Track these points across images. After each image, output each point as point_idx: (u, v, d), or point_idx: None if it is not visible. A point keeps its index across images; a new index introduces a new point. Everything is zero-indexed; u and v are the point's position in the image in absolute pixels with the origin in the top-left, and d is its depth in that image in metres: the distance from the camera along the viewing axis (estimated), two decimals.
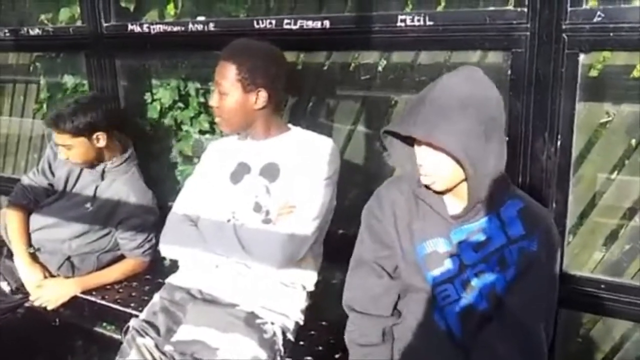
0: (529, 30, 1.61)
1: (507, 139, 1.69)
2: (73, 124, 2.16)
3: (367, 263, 1.55)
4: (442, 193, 1.44)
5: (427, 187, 1.43)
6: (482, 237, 1.41)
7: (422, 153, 1.37)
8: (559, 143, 1.65)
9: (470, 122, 1.29)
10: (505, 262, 1.39)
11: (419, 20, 1.76)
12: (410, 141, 1.42)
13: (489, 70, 1.82)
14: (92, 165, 2.30)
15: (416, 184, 1.45)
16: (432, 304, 1.46)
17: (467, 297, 1.42)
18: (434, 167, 1.36)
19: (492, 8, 1.67)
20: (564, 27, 1.57)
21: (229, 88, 1.76)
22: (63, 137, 2.20)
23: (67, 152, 2.24)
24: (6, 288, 2.32)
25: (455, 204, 1.44)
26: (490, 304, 1.40)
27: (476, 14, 1.69)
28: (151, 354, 1.72)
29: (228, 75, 1.75)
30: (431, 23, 1.75)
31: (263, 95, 1.76)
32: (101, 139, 2.23)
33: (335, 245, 1.64)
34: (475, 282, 1.41)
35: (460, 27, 1.72)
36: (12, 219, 2.37)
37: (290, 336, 1.81)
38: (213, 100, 1.81)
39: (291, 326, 1.81)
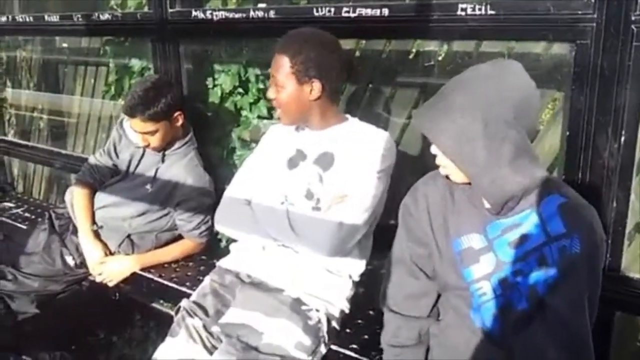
0: (594, 21, 1.54)
1: (567, 134, 1.66)
2: (157, 109, 2.19)
3: (404, 262, 1.54)
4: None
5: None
6: (518, 234, 1.36)
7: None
8: (622, 139, 1.57)
9: (468, 121, 1.27)
10: (546, 261, 1.33)
11: (480, 9, 1.70)
12: None
13: (553, 61, 1.78)
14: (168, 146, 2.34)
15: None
16: (469, 301, 1.43)
17: (506, 296, 1.38)
18: (445, 159, 1.36)
19: None
20: (633, 18, 1.48)
21: (284, 81, 1.77)
22: (145, 125, 2.21)
23: (149, 138, 2.26)
24: (71, 262, 2.42)
25: None
26: (530, 304, 1.35)
27: (540, 3, 1.61)
28: (199, 334, 1.78)
29: (282, 68, 1.76)
30: (492, 12, 1.69)
31: (317, 85, 1.77)
32: (179, 119, 2.29)
33: (385, 236, 1.63)
34: (513, 281, 1.37)
35: (522, 16, 1.65)
36: (79, 196, 2.47)
37: (335, 324, 1.82)
38: (270, 93, 1.83)
39: (336, 314, 1.82)
